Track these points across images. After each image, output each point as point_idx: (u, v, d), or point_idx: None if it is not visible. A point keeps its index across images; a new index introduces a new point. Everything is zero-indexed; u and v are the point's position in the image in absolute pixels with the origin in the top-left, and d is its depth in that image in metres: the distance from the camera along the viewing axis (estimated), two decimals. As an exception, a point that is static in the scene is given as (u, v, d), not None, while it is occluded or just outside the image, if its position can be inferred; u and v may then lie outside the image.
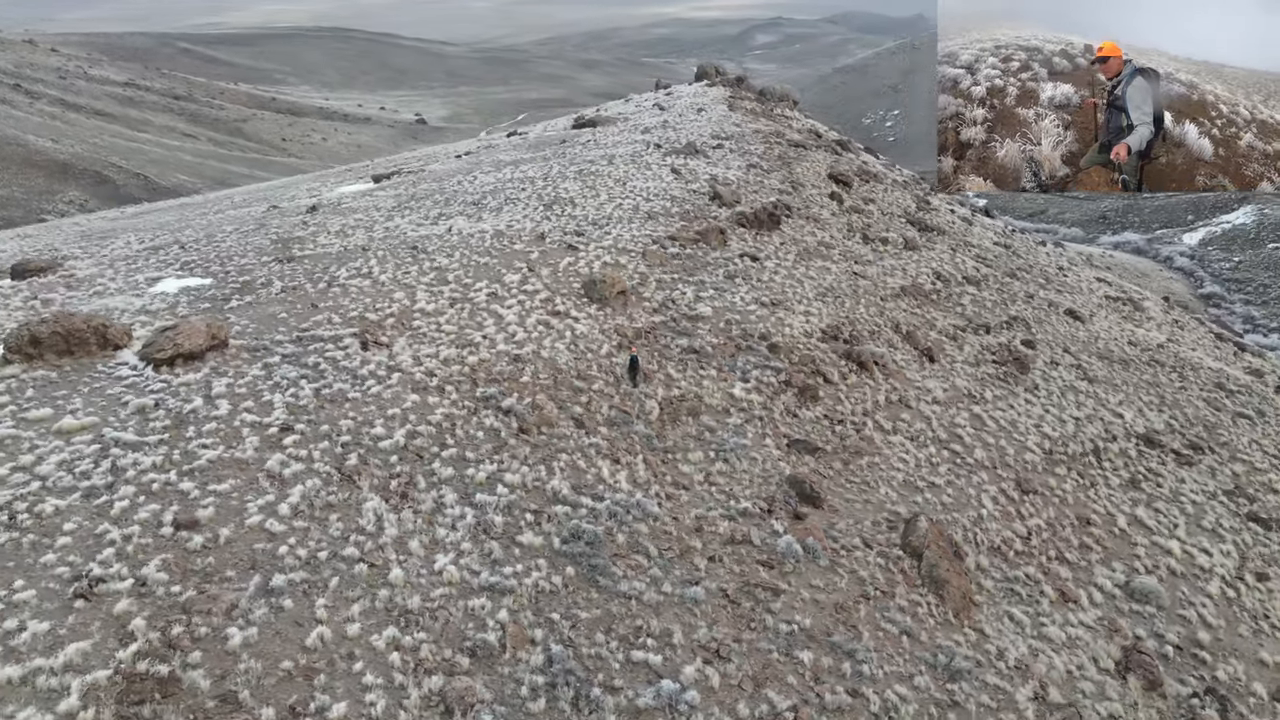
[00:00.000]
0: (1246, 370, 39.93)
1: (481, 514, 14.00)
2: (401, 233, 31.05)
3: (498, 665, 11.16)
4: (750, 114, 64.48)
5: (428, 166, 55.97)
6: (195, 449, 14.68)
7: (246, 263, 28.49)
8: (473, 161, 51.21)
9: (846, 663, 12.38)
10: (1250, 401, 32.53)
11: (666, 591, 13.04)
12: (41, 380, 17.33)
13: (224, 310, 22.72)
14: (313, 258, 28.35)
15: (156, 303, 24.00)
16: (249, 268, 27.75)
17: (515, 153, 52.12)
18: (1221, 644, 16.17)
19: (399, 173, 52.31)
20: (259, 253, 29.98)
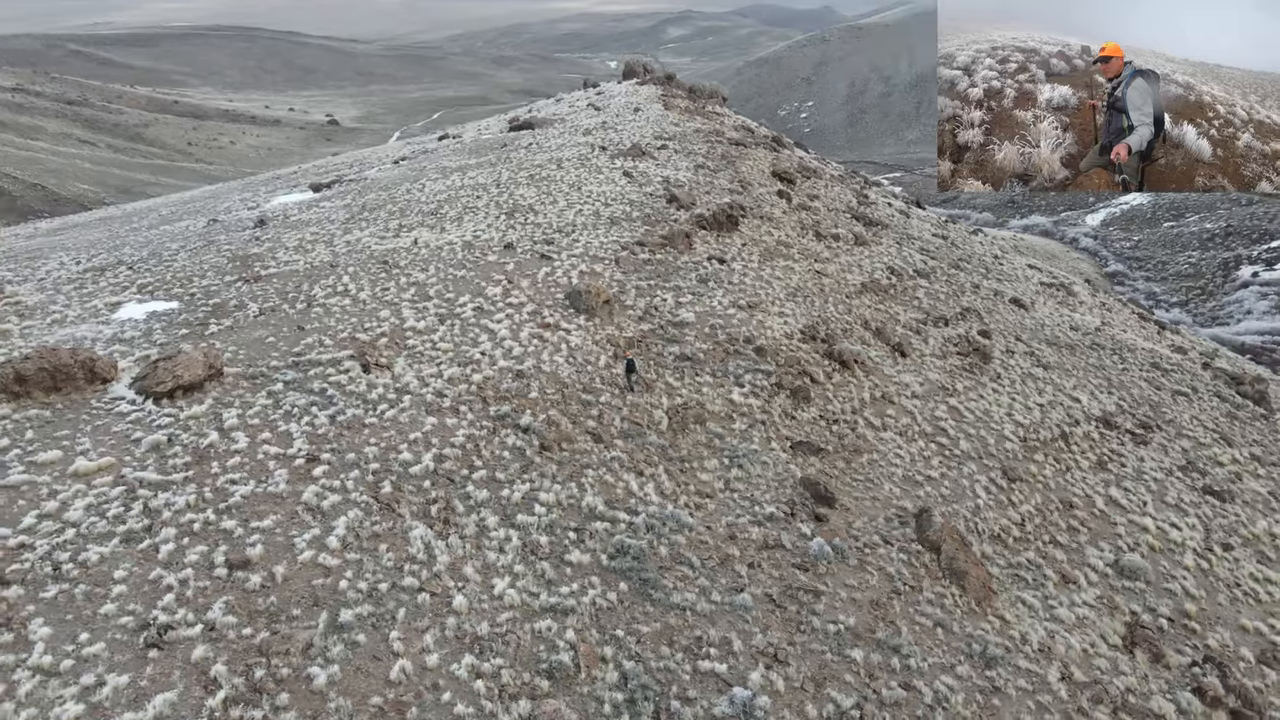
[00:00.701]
0: (1172, 348, 42.43)
1: (526, 535, 14.22)
2: (365, 246, 30.69)
3: (576, 685, 11.45)
4: (686, 113, 65.20)
5: (365, 173, 55.06)
6: (225, 486, 14.49)
7: (210, 284, 27.82)
8: (415, 168, 50.60)
9: (894, 658, 13.05)
10: (1184, 379, 34.67)
11: (716, 601, 13.50)
12: (37, 420, 16.81)
13: (204, 336, 22.24)
14: (280, 276, 27.84)
15: (128, 330, 23.31)
16: (214, 289, 27.12)
17: (458, 158, 51.67)
18: (1206, 613, 17.45)
19: (339, 181, 51.33)
20: (219, 272, 29.29)
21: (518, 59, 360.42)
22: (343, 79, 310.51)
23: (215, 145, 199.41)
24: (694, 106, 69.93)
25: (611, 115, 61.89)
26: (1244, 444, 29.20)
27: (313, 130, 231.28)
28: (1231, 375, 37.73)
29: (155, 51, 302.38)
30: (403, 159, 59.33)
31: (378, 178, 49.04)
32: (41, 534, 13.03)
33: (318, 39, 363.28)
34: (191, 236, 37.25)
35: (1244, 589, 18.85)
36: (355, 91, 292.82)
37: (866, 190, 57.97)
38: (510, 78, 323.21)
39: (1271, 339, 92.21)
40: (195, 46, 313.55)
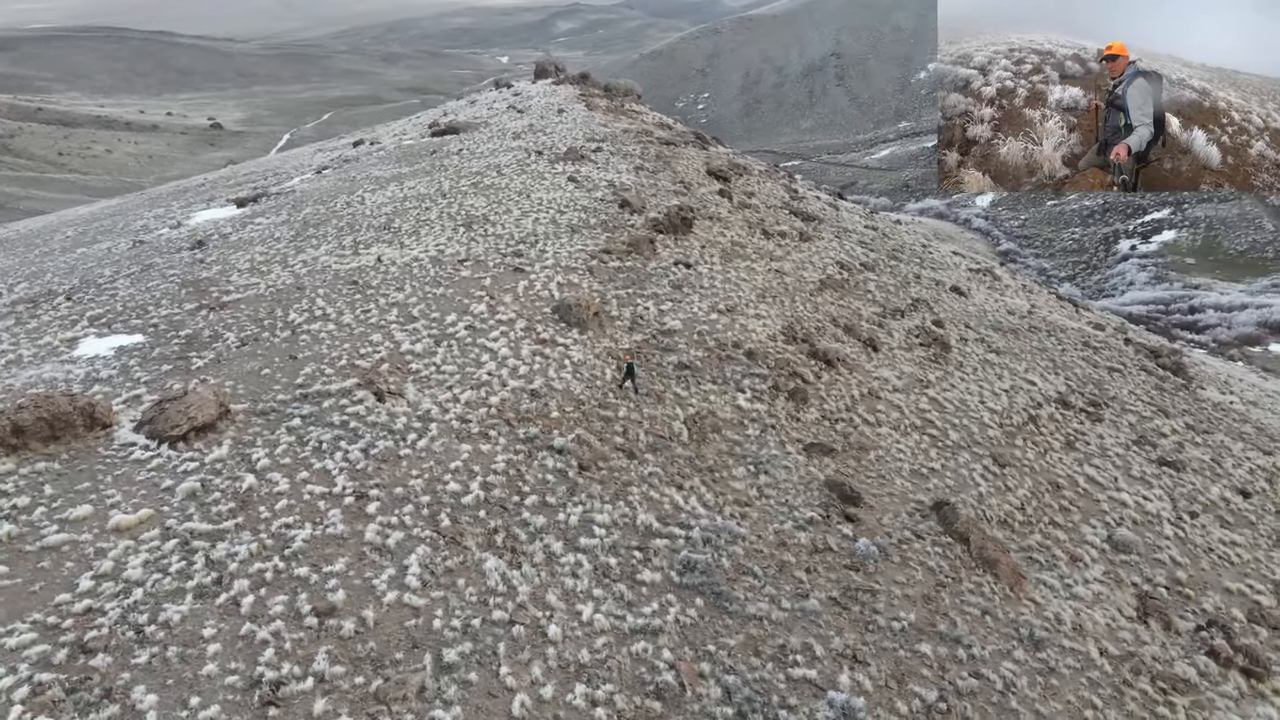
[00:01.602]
0: (1093, 325, 45.20)
1: (594, 558, 14.46)
2: (327, 267, 30.05)
3: (685, 704, 11.82)
4: (608, 112, 65.47)
5: (288, 185, 53.60)
6: (282, 531, 14.23)
7: (170, 313, 26.88)
8: (345, 178, 49.40)
9: (959, 649, 13.87)
10: (1113, 356, 37.10)
11: (787, 608, 14.05)
12: (48, 474, 16.14)
13: (189, 371, 21.56)
14: (245, 301, 27.08)
15: (102, 369, 22.39)
16: (177, 319, 26.23)
17: (388, 166, 50.71)
18: (1195, 579, 19.00)
19: (264, 195, 49.68)
20: (174, 300, 28.31)
21: (406, 56, 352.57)
22: (223, 80, 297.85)
23: (89, 154, 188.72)
24: (613, 105, 70.25)
25: (536, 117, 61.64)
26: (1178, 414, 31.55)
27: (195, 135, 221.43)
28: (1150, 349, 40.54)
29: (13, 55, 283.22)
30: (325, 168, 57.80)
31: (307, 190, 47.71)
32: (106, 596, 12.59)
33: (190, 39, 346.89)
34: (122, 260, 35.67)
35: (1218, 554, 20.56)
36: (237, 93, 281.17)
37: (794, 184, 59.50)
38: (399, 75, 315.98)
39: (1155, 308, 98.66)
40: (59, 49, 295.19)
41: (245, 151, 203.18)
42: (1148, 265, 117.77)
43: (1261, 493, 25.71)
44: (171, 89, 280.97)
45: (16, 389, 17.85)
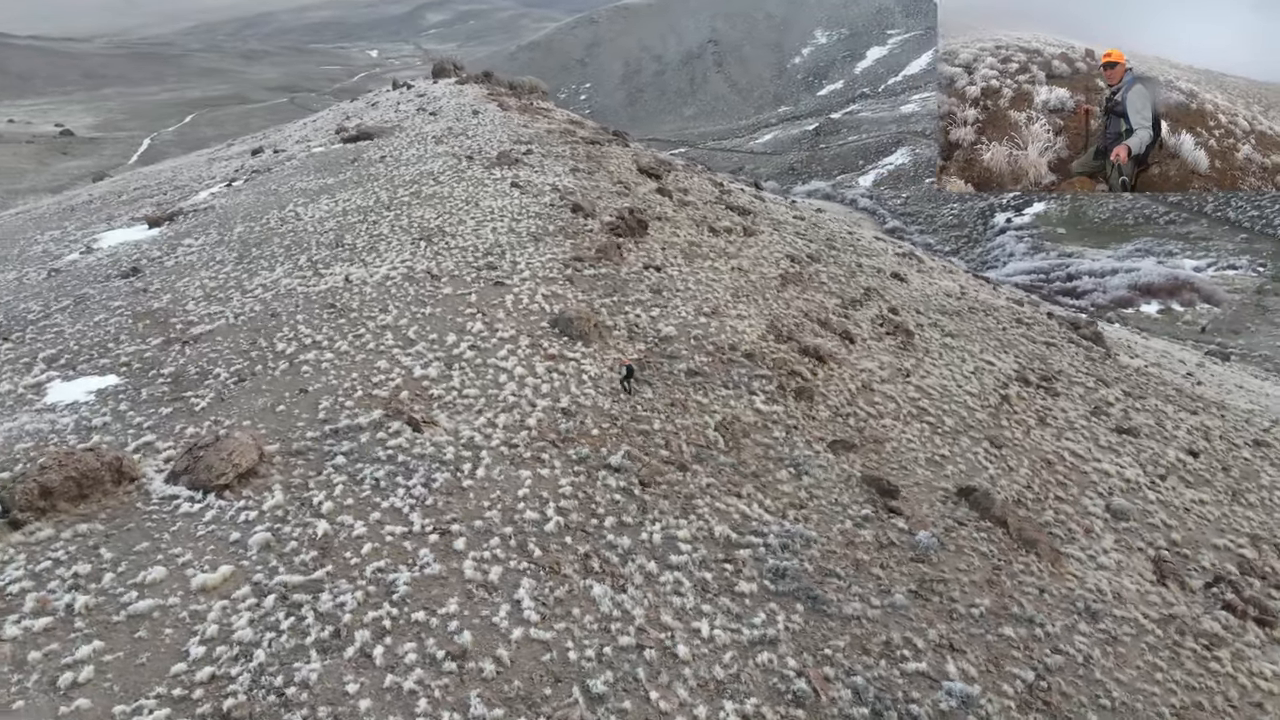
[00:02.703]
0: (1013, 302, 48.15)
1: (690, 575, 14.86)
2: (292, 290, 29.21)
3: (823, 710, 12.42)
4: (523, 112, 65.12)
5: (195, 199, 51.48)
6: (379, 576, 14.05)
7: (136, 349, 25.78)
8: (266, 191, 47.58)
9: (1035, 629, 14.95)
10: (1044, 331, 39.69)
11: (877, 605, 14.82)
12: (94, 536, 15.47)
13: (194, 412, 20.82)
14: (219, 333, 26.17)
15: (93, 415, 21.34)
16: (149, 355, 25.18)
17: (308, 177, 49.10)
18: (1187, 539, 20.86)
19: (179, 213, 47.38)
20: (133, 335, 27.11)
21: (268, 52, 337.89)
22: (68, 83, 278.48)
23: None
24: (524, 104, 69.83)
25: (452, 120, 60.70)
26: (1114, 383, 34.13)
27: (44, 144, 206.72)
28: (1071, 322, 43.53)
29: None
30: (233, 181, 55.56)
31: (227, 205, 45.79)
32: (225, 661, 12.22)
33: (25, 39, 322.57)
34: (44, 292, 33.68)
35: (1195, 514, 22.60)
36: (85, 97, 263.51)
37: (717, 177, 60.66)
38: (264, 73, 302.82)
39: (1037, 277, 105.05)
40: None
41: (104, 160, 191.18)
42: (1024, 237, 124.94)
43: (1206, 451, 28.25)
44: (10, 95, 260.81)
45: (64, 449, 16.79)
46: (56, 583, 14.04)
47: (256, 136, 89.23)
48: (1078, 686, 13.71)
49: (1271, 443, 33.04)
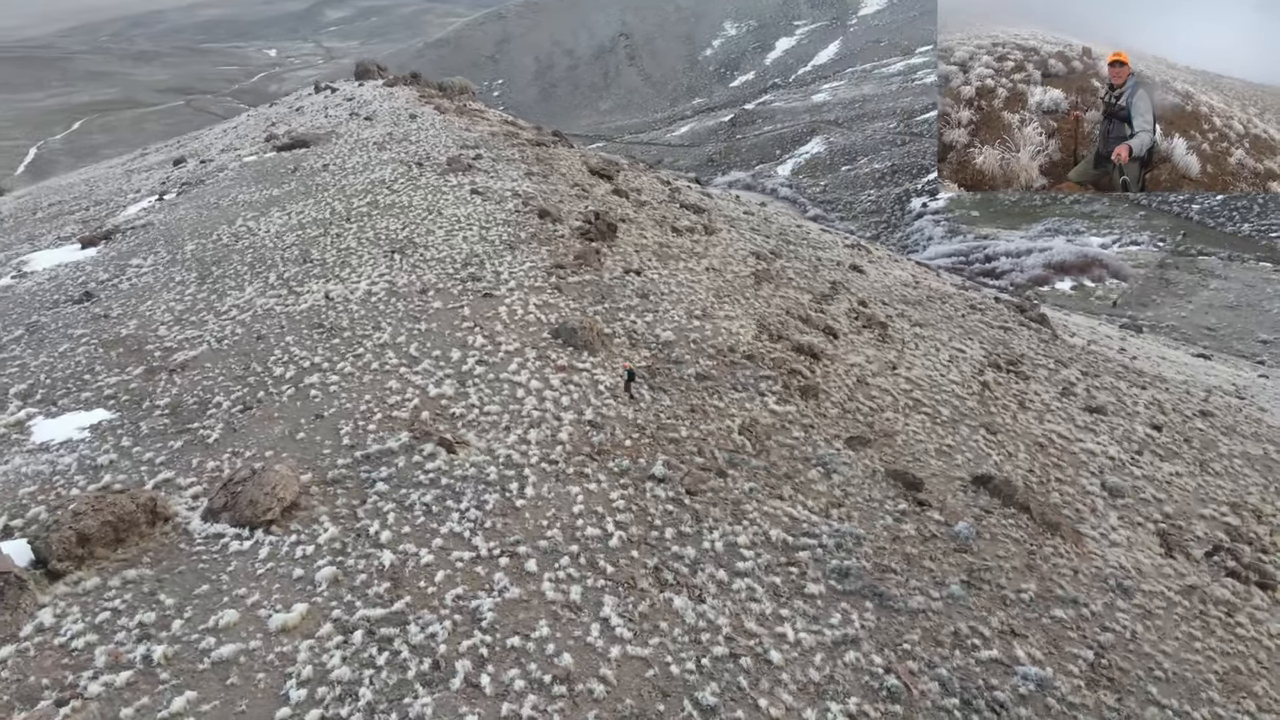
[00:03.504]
0: (957, 287, 50.05)
1: (759, 580, 15.25)
2: (271, 310, 28.56)
3: (916, 703, 12.98)
4: (459, 114, 64.47)
5: (124, 215, 49.71)
6: (459, 603, 14.05)
7: (118, 380, 25.00)
8: (204, 205, 46.12)
9: (1081, 609, 15.82)
10: (997, 316, 41.43)
11: (938, 596, 15.48)
12: (146, 581, 15.13)
13: (208, 445, 20.33)
14: (205, 359, 25.51)
15: (96, 454, 20.63)
16: (134, 387, 24.45)
17: (249, 188, 47.74)
18: (1177, 511, 22.24)
19: (116, 231, 45.50)
20: (108, 365, 26.27)
21: (159, 53, 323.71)
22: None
23: None
24: (458, 106, 69.06)
25: (390, 125, 59.72)
26: (1070, 363, 35.93)
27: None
28: (1017, 305, 45.52)
29: None
30: (164, 194, 53.62)
31: (167, 221, 44.25)
32: (331, 702, 12.11)
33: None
34: (-13, 320, 32.05)
35: (1176, 486, 24.11)
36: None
37: (660, 173, 61.08)
38: (156, 75, 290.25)
39: (957, 259, 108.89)
40: None
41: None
42: (940, 221, 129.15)
43: (1166, 425, 30.07)
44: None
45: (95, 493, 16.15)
46: (123, 633, 13.64)
47: (171, 145, 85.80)
48: (1131, 661, 14.65)
49: (1214, 412, 35.31)
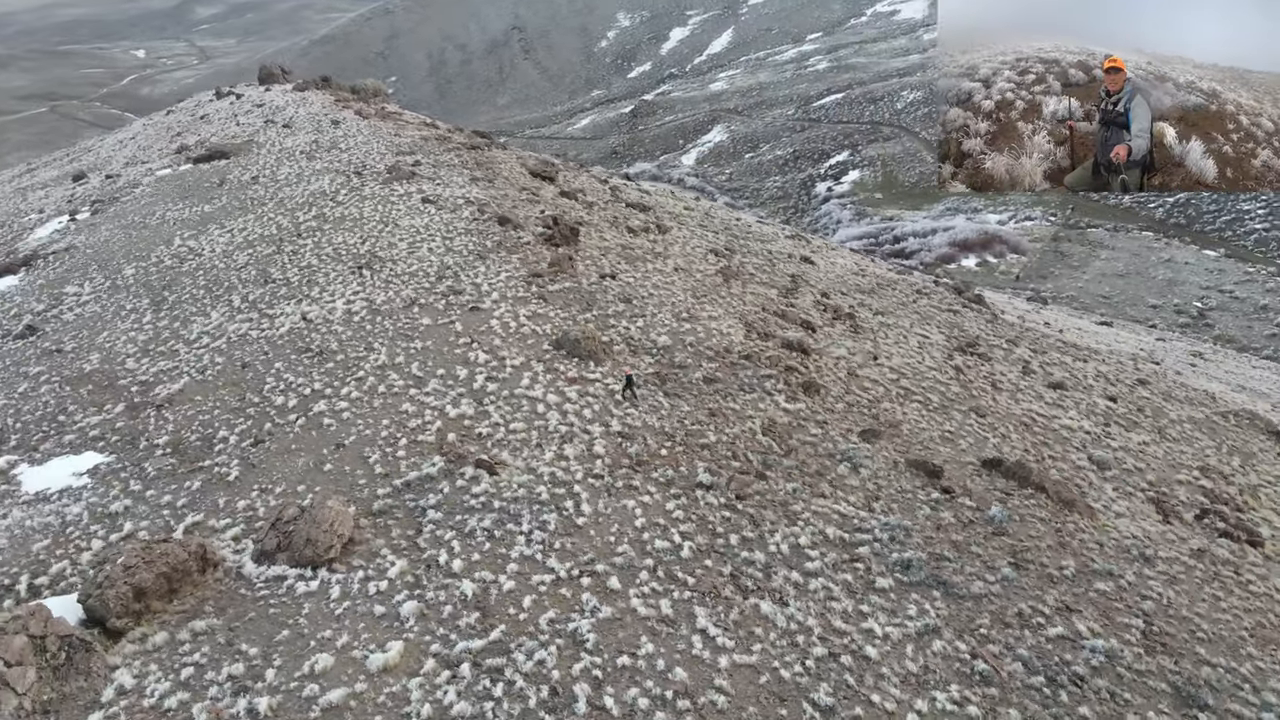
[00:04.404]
0: (896, 273, 51.92)
1: (831, 579, 15.82)
2: (247, 336, 27.83)
3: (1007, 684, 13.78)
4: (383, 119, 63.21)
5: (33, 238, 47.19)
6: (556, 627, 14.17)
7: (100, 420, 24.26)
8: (129, 224, 44.28)
9: (1118, 580, 16.94)
10: (942, 300, 43.24)
11: (993, 580, 16.35)
12: (219, 632, 14.85)
13: (229, 482, 19.81)
14: (192, 391, 24.76)
15: (109, 502, 20.00)
16: (121, 426, 23.77)
17: (174, 205, 46.00)
18: (1158, 479, 23.90)
19: (34, 256, 43.06)
20: (81, 404, 25.59)
21: (14, 57, 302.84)
22: None
23: None
24: (377, 110, 67.56)
25: (313, 132, 58.04)
26: (1019, 341, 37.88)
27: None
28: (954, 288, 47.57)
29: None
30: (75, 214, 50.94)
31: (93, 243, 42.30)
32: (462, 741, 12.06)
33: None
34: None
35: (1149, 454, 25.87)
36: None
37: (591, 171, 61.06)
38: (12, 80, 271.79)
39: (868, 241, 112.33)
40: None
41: None
42: (847, 204, 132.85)
43: (1119, 396, 32.13)
44: None
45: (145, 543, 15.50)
46: (215, 689, 13.30)
47: (60, 158, 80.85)
48: (1175, 625, 15.86)
49: (1149, 380, 37.83)
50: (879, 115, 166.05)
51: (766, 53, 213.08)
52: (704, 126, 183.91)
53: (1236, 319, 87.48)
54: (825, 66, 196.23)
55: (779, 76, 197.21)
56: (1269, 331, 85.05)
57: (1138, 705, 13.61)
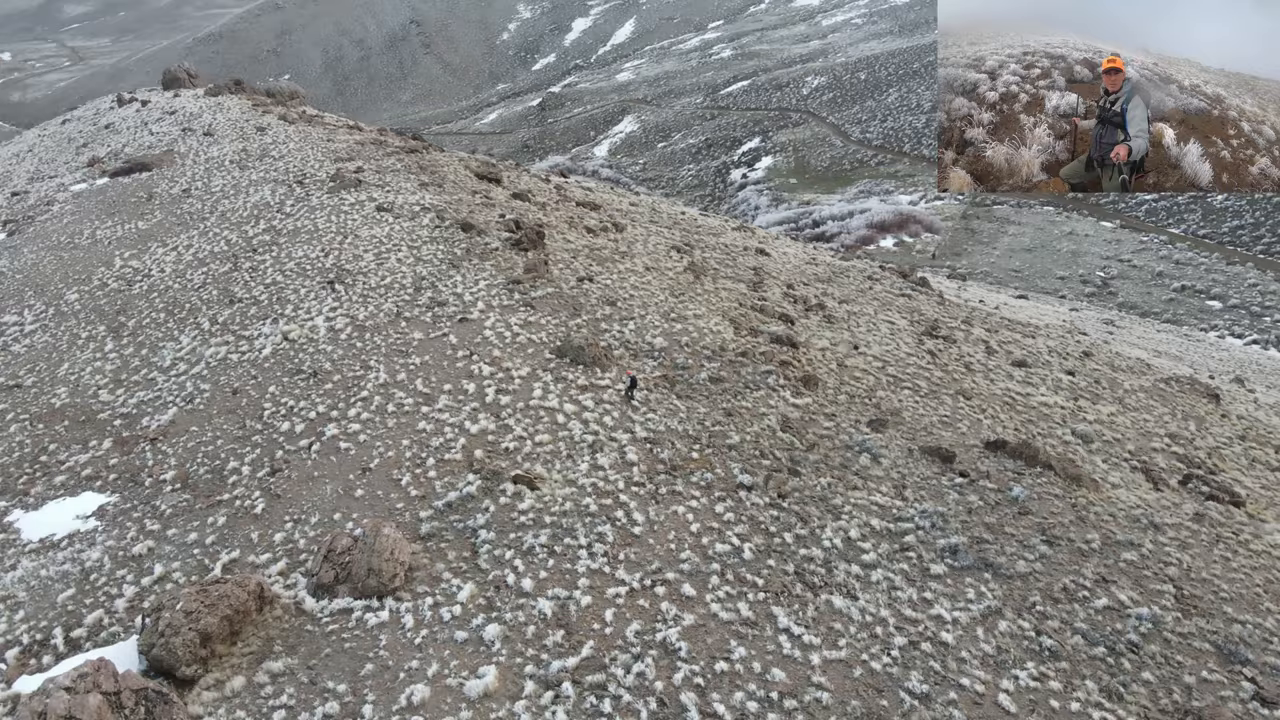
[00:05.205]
0: (842, 259, 53.35)
1: (889, 569, 16.46)
2: (228, 360, 27.14)
3: (1075, 656, 14.67)
4: (309, 123, 61.65)
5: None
6: (644, 638, 14.39)
7: (91, 459, 23.96)
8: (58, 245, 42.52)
9: (1139, 550, 18.05)
10: (893, 284, 44.69)
11: (1033, 558, 17.26)
12: (298, 671, 14.64)
13: (257, 515, 19.36)
14: (185, 421, 24.05)
15: (125, 543, 19.54)
16: (115, 463, 23.44)
17: (103, 222, 44.32)
18: (1137, 449, 25.48)
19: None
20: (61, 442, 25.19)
21: None
22: None
23: None
24: (303, 114, 65.72)
25: (239, 140, 56.25)
26: (973, 321, 39.54)
27: None
28: (900, 272, 49.21)
29: None
30: (1, 234, 48.29)
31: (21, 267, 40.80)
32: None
33: None
34: None
35: (1120, 425, 27.50)
36: None
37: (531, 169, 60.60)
38: None
39: (789, 227, 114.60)
40: None
41: None
42: (763, 190, 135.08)
43: (1076, 370, 33.96)
44: None
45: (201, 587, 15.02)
46: (313, 732, 13.04)
47: None
48: (1199, 588, 17.09)
49: (1092, 351, 40.04)
50: (786, 101, 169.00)
51: (670, 42, 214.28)
52: (614, 117, 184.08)
53: (1137, 286, 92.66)
54: (729, 54, 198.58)
55: (685, 65, 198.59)
56: (1166, 296, 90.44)
57: (1190, 666, 14.65)
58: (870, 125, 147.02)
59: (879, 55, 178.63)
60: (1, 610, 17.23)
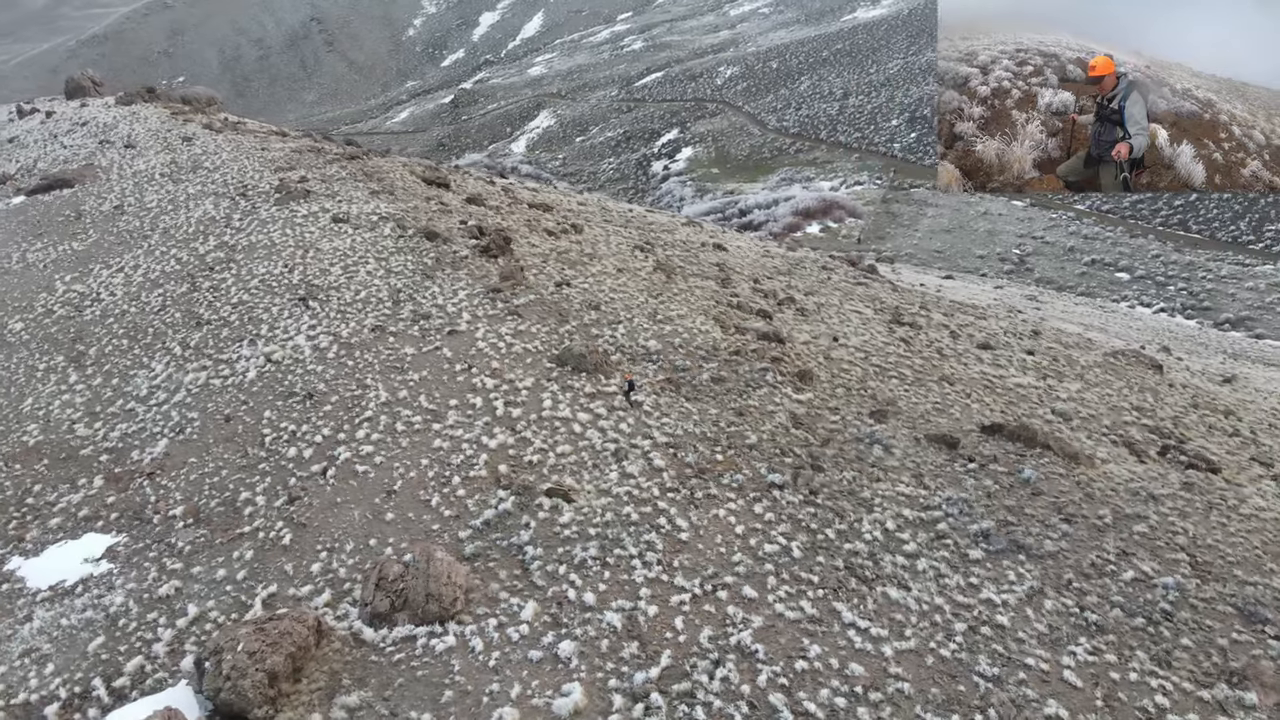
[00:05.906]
0: (789, 249, 54.35)
1: (930, 557, 17.12)
2: (211, 386, 26.40)
3: (1119, 628, 15.57)
4: (237, 131, 59.79)
5: None
6: (719, 643, 14.69)
7: (84, 498, 23.16)
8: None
9: (1147, 522, 19.17)
10: (847, 274, 45.84)
11: (1055, 538, 18.15)
12: (376, 704, 14.57)
13: (287, 548, 19.03)
14: (180, 453, 23.51)
15: (148, 585, 19.01)
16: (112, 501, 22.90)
17: (38, 245, 42.30)
18: (1113, 424, 26.89)
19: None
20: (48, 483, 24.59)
21: None
22: None
23: None
24: (227, 122, 63.56)
25: (162, 150, 54.35)
26: (930, 306, 40.94)
27: None
28: (849, 260, 50.48)
29: None
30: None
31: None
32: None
33: None
34: None
35: (1090, 402, 28.97)
36: None
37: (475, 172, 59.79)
38: None
39: (715, 217, 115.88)
40: None
41: None
42: (686, 181, 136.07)
43: (1034, 350, 35.56)
44: None
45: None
46: (409, 767, 12.95)
47: None
48: (1209, 554, 18.28)
49: (1039, 330, 41.93)
50: (701, 92, 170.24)
51: (580, 35, 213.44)
52: (530, 112, 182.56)
53: (1051, 262, 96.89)
54: (641, 46, 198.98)
55: (597, 58, 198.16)
56: (1079, 270, 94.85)
57: (1220, 630, 15.72)
58: (786, 113, 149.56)
59: (789, 44, 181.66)
60: (28, 664, 16.49)
